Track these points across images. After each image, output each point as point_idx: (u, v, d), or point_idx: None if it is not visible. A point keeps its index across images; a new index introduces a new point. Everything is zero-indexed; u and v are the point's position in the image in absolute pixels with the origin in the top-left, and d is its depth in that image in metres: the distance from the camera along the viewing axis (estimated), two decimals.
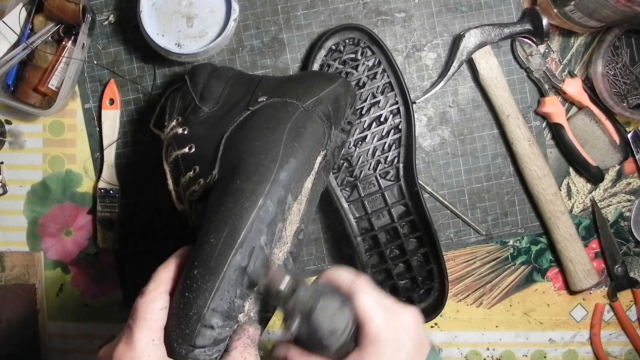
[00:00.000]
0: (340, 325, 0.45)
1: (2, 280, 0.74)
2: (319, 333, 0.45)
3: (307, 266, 0.73)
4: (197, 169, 0.55)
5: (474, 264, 0.73)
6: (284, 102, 0.56)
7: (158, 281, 0.45)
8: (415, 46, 0.72)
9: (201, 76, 0.62)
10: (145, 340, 0.42)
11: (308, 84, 0.59)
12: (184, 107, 0.61)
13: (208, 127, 0.58)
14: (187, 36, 0.65)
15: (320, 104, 0.56)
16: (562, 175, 0.73)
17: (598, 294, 0.73)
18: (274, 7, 0.71)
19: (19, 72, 0.70)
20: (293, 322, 0.45)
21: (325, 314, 0.45)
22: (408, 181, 0.69)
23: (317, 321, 0.45)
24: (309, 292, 0.45)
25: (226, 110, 0.59)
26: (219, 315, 0.43)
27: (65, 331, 0.75)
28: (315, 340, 0.45)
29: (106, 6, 0.71)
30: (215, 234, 0.44)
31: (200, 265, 0.44)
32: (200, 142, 0.56)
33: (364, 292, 0.47)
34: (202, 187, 0.53)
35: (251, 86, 0.61)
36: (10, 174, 0.74)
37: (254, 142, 0.51)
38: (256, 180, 0.47)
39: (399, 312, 0.48)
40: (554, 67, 0.72)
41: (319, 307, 0.45)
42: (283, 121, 0.53)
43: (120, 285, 0.74)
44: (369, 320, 0.46)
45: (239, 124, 0.55)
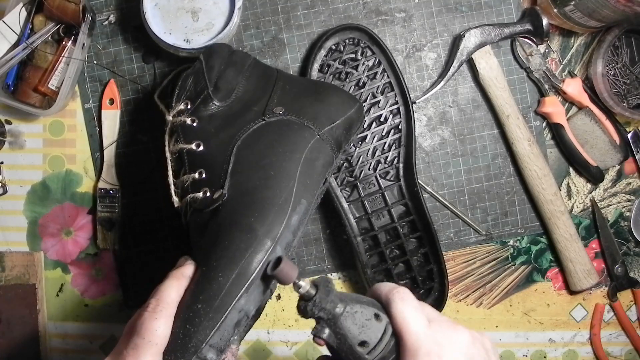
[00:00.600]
0: (372, 336, 0.42)
1: (2, 280, 0.74)
2: (347, 342, 0.42)
3: (307, 266, 0.73)
4: (203, 173, 0.54)
5: (474, 264, 0.73)
6: (300, 125, 0.55)
7: (168, 303, 0.45)
8: (415, 46, 0.72)
9: (217, 60, 0.60)
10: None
11: (326, 107, 0.58)
12: (195, 93, 0.58)
13: (218, 125, 0.56)
14: (194, 31, 0.65)
15: (334, 132, 0.56)
16: (562, 175, 0.73)
17: (598, 294, 0.73)
18: (274, 7, 0.71)
19: (19, 72, 0.70)
20: (319, 330, 0.43)
21: (354, 320, 0.42)
22: (408, 181, 0.69)
23: (344, 329, 0.42)
24: (334, 296, 0.43)
25: (239, 110, 0.57)
26: (214, 351, 0.44)
27: (65, 331, 0.75)
28: (347, 351, 0.43)
29: (106, 6, 0.71)
30: (224, 273, 0.45)
31: (205, 301, 0.44)
32: (209, 142, 0.55)
33: (402, 299, 0.44)
34: (207, 198, 0.52)
35: (267, 85, 0.60)
36: (10, 174, 0.74)
37: (269, 170, 0.51)
38: (270, 223, 0.48)
39: (448, 326, 0.43)
40: (554, 67, 0.72)
41: (346, 313, 0.42)
42: (299, 149, 0.53)
43: (120, 285, 0.74)
44: (406, 330, 0.42)
45: (251, 134, 0.55)
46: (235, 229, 0.48)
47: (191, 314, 0.44)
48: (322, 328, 0.43)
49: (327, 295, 0.42)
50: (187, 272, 0.47)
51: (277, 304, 0.74)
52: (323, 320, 0.42)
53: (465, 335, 0.43)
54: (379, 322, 0.43)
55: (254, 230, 0.47)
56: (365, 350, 0.42)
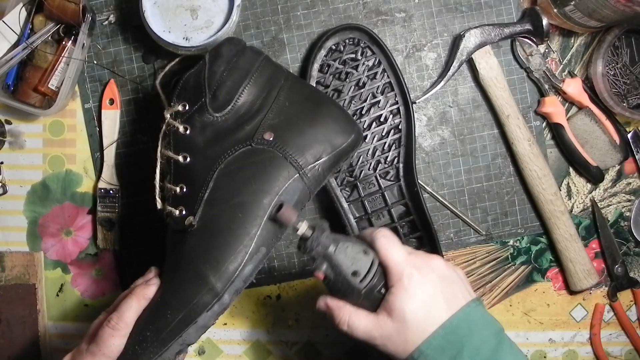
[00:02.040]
0: (362, 267, 0.50)
1: (2, 280, 0.74)
2: (342, 273, 0.50)
3: (307, 266, 0.73)
4: (184, 188, 0.56)
5: (474, 264, 0.73)
6: (282, 161, 0.55)
7: (126, 323, 0.53)
8: (415, 46, 0.72)
9: (221, 65, 0.58)
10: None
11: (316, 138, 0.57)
12: (194, 97, 0.58)
13: (208, 138, 0.57)
14: (193, 28, 0.65)
15: (318, 169, 0.56)
16: (562, 175, 0.73)
17: (598, 294, 0.73)
18: (274, 7, 0.71)
19: (19, 72, 0.70)
20: (318, 264, 0.50)
21: (346, 255, 0.50)
22: (408, 181, 0.69)
23: (338, 262, 0.50)
24: (328, 236, 0.50)
25: (232, 125, 0.57)
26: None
27: (65, 331, 0.75)
28: (342, 282, 0.50)
29: (106, 6, 0.71)
30: (172, 312, 0.52)
31: (153, 330, 0.52)
32: (196, 157, 0.57)
33: (384, 236, 0.52)
34: (181, 220, 0.56)
35: (267, 99, 0.58)
36: (10, 174, 0.74)
37: (238, 211, 0.54)
38: (221, 273, 0.52)
39: (425, 256, 0.52)
40: (554, 67, 0.72)
41: (339, 249, 0.50)
42: (273, 191, 0.54)
43: (120, 285, 0.74)
44: (390, 259, 0.50)
45: (235, 159, 0.55)
46: (191, 271, 0.53)
47: (141, 338, 0.52)
48: (320, 263, 0.50)
49: (322, 233, 0.50)
50: (148, 293, 0.54)
51: (277, 303, 0.74)
52: (320, 256, 0.50)
53: (440, 261, 0.51)
54: (367, 256, 0.51)
55: (205, 278, 0.52)
56: (357, 279, 0.50)
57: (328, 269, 0.50)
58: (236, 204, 0.54)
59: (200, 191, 0.55)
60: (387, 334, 0.49)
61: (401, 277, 0.49)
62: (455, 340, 0.48)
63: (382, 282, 0.50)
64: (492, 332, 0.49)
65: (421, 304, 0.48)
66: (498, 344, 0.48)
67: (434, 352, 0.48)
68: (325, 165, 0.57)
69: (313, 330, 0.74)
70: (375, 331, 0.49)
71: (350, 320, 0.50)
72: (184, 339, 0.52)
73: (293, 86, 0.61)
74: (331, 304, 0.52)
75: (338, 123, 0.59)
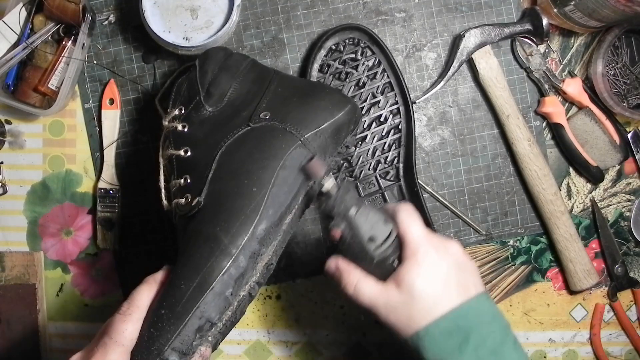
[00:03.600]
0: (380, 234, 0.49)
1: (2, 280, 0.74)
2: (359, 236, 0.48)
3: (307, 266, 0.73)
4: (188, 179, 0.55)
5: None
6: (283, 131, 0.55)
7: (138, 307, 0.49)
8: (415, 46, 0.72)
9: (212, 65, 0.60)
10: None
11: (314, 109, 0.57)
12: (188, 98, 0.59)
13: (207, 130, 0.57)
14: (193, 29, 0.65)
15: (319, 137, 0.55)
16: (562, 175, 0.73)
17: (598, 294, 0.73)
18: (274, 7, 0.71)
19: (19, 72, 0.70)
20: (336, 222, 0.49)
21: (366, 219, 0.49)
22: (408, 181, 0.69)
23: (357, 224, 0.48)
24: (353, 197, 0.49)
25: (229, 115, 0.58)
26: (177, 354, 0.47)
27: (65, 331, 0.75)
28: (357, 245, 0.49)
29: (106, 6, 0.71)
30: (186, 281, 0.48)
31: (167, 307, 0.47)
32: (196, 147, 0.56)
33: (407, 210, 0.51)
34: (187, 205, 0.54)
35: (260, 89, 0.59)
36: (10, 174, 0.74)
37: (244, 178, 0.52)
38: (234, 233, 0.49)
39: (444, 239, 0.51)
40: (554, 67, 0.72)
41: (360, 212, 0.49)
42: (277, 157, 0.53)
43: (120, 285, 0.74)
44: (409, 233, 0.49)
45: (236, 141, 0.55)
46: (201, 238, 0.50)
47: (155, 318, 0.47)
48: (339, 222, 0.49)
49: (347, 193, 0.49)
50: (158, 277, 0.51)
51: (277, 303, 0.74)
52: (340, 215, 0.49)
53: (458, 246, 0.51)
54: (386, 225, 0.49)
55: (218, 240, 0.49)
56: (372, 245, 0.49)
57: (346, 229, 0.49)
58: (242, 173, 0.53)
59: (204, 175, 0.54)
60: (391, 305, 0.48)
61: (416, 252, 0.48)
62: (464, 326, 0.47)
63: (396, 254, 0.50)
64: (499, 326, 0.49)
65: (432, 283, 0.48)
66: (504, 338, 0.48)
67: (441, 335, 0.47)
68: (326, 133, 0.56)
69: (313, 330, 0.74)
70: (381, 299, 0.49)
71: (358, 284, 0.50)
72: (202, 310, 0.47)
73: (283, 77, 0.62)
74: (341, 266, 0.51)
75: (332, 97, 0.59)
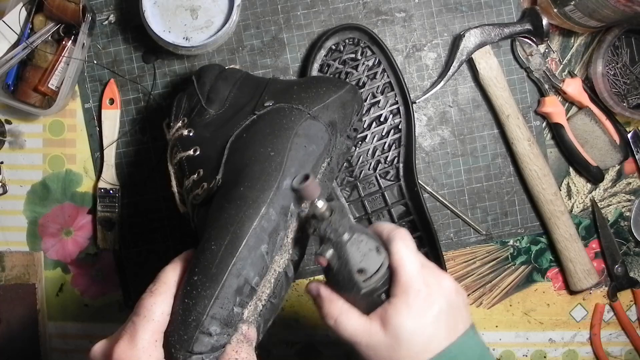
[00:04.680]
0: (370, 266, 0.45)
1: (2, 280, 0.74)
2: (348, 267, 0.45)
3: (307, 266, 0.73)
4: (201, 172, 0.54)
5: (474, 264, 0.73)
6: (290, 108, 0.55)
7: (165, 282, 0.45)
8: (415, 46, 0.72)
9: (208, 77, 0.62)
10: (148, 340, 0.42)
11: (315, 90, 0.58)
12: (190, 109, 0.60)
13: (213, 129, 0.57)
14: (193, 28, 0.65)
15: (326, 110, 0.56)
16: (562, 175, 0.73)
17: (598, 294, 0.73)
18: (274, 7, 0.71)
19: (19, 72, 0.70)
20: (324, 249, 0.45)
21: (357, 248, 0.45)
22: (408, 181, 0.69)
23: (347, 254, 0.45)
24: (345, 223, 0.45)
25: (232, 113, 0.58)
26: (218, 323, 0.43)
27: (65, 331, 0.75)
28: (345, 276, 0.45)
29: (106, 6, 0.71)
30: (216, 241, 0.45)
31: (200, 272, 0.44)
32: (205, 145, 0.56)
33: (402, 239, 0.47)
34: (205, 191, 0.52)
35: (258, 89, 0.61)
36: (10, 174, 0.74)
37: (259, 147, 0.51)
38: (259, 188, 0.47)
39: (438, 273, 0.47)
40: (554, 67, 0.72)
41: (352, 240, 0.45)
42: (289, 128, 0.53)
43: (120, 285, 0.74)
44: (402, 267, 0.45)
45: (244, 128, 0.55)
46: (226, 201, 0.48)
47: (189, 287, 0.43)
48: (327, 248, 0.45)
49: (341, 219, 0.45)
50: (184, 256, 0.48)
51: None
52: (330, 241, 0.45)
53: (451, 282, 0.47)
54: (378, 255, 0.46)
55: (244, 197, 0.47)
56: (362, 277, 0.45)
57: (334, 257, 0.45)
58: (257, 144, 0.52)
59: (217, 162, 0.53)
60: (374, 345, 0.45)
61: (408, 291, 0.45)
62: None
63: (385, 287, 0.46)
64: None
65: (422, 326, 0.44)
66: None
67: None
68: (333, 107, 0.57)
69: (313, 330, 0.74)
70: (363, 337, 0.45)
71: (340, 318, 0.46)
72: (238, 268, 0.44)
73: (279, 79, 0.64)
74: (324, 294, 0.47)
75: (330, 81, 0.61)
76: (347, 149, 0.62)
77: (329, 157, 0.56)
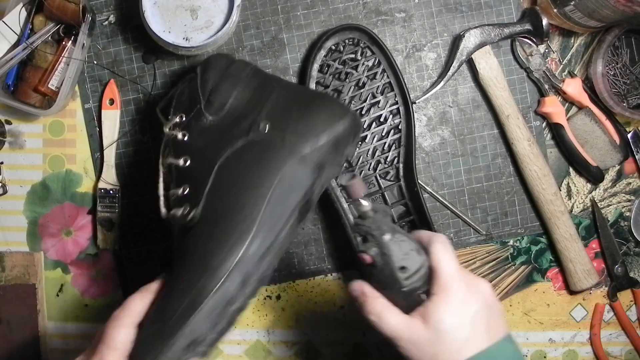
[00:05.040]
0: (412, 264, 0.47)
1: (2, 280, 0.74)
2: (390, 264, 0.47)
3: (307, 266, 0.73)
4: (187, 188, 0.56)
5: (474, 264, 0.73)
6: (280, 147, 0.55)
7: (131, 312, 0.50)
8: (415, 46, 0.72)
9: (213, 73, 0.60)
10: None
11: (314, 120, 0.57)
12: (189, 106, 0.59)
13: (207, 140, 0.57)
14: (193, 29, 0.65)
15: (318, 152, 0.55)
16: (562, 175, 0.73)
17: (598, 294, 0.73)
18: (274, 7, 0.71)
19: (19, 72, 0.70)
20: (369, 247, 0.48)
21: (399, 247, 0.47)
22: (408, 181, 0.69)
23: (390, 251, 0.47)
24: (388, 222, 0.48)
25: (229, 124, 0.58)
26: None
27: (65, 331, 0.75)
28: (387, 273, 0.47)
29: (106, 6, 0.71)
30: (177, 300, 0.49)
31: (155, 324, 0.49)
32: (196, 158, 0.57)
33: (442, 242, 0.49)
34: (185, 217, 0.55)
35: (261, 98, 0.59)
36: (10, 174, 0.74)
37: (240, 189, 0.53)
38: (226, 252, 0.50)
39: (475, 276, 0.49)
40: (554, 67, 0.72)
41: (394, 238, 0.47)
42: (273, 173, 0.54)
43: (120, 285, 0.74)
44: (441, 267, 0.48)
45: (234, 154, 0.56)
46: (195, 255, 0.51)
47: (145, 334, 0.49)
48: (372, 246, 0.48)
49: (384, 217, 0.48)
50: (152, 287, 0.52)
51: (277, 303, 0.74)
52: (375, 239, 0.47)
53: (488, 286, 0.49)
54: (419, 255, 0.48)
55: (209, 260, 0.50)
56: (403, 275, 0.47)
57: (378, 255, 0.47)
58: (237, 191, 0.53)
59: (202, 187, 0.55)
60: (415, 339, 0.47)
61: (447, 288, 0.47)
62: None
63: (425, 287, 0.48)
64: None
65: (461, 322, 0.46)
66: None
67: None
68: (323, 149, 0.56)
69: (313, 330, 0.74)
70: (405, 333, 0.47)
71: (383, 313, 0.48)
72: (191, 329, 0.48)
73: (285, 85, 0.61)
74: (367, 291, 0.50)
75: (331, 109, 0.58)
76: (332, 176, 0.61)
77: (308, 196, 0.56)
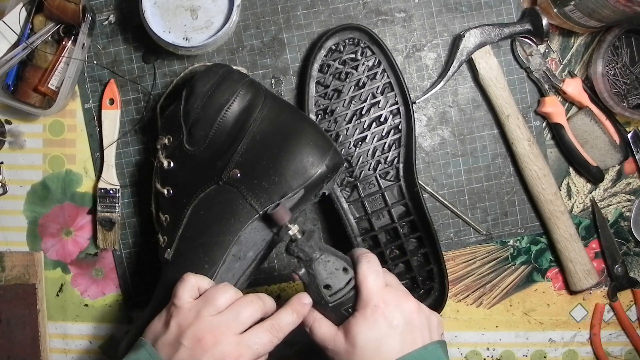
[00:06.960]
0: (336, 283, 0.52)
1: (2, 280, 0.74)
2: (315, 282, 0.52)
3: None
4: (167, 218, 0.62)
5: (474, 264, 0.73)
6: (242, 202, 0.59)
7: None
8: (415, 46, 0.72)
9: (196, 102, 0.60)
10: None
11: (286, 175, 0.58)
12: (175, 131, 0.62)
13: (187, 173, 0.61)
14: (193, 29, 0.65)
15: (283, 206, 0.56)
16: (562, 175, 0.73)
17: (598, 294, 0.73)
18: (274, 7, 0.71)
19: (19, 72, 0.70)
20: (297, 267, 0.53)
21: (325, 267, 0.52)
22: (408, 181, 0.69)
23: (315, 271, 0.52)
24: (314, 245, 0.53)
25: (206, 159, 0.60)
26: None
27: (65, 331, 0.75)
28: (314, 290, 0.53)
29: (106, 6, 0.71)
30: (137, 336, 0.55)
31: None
32: (177, 190, 0.61)
33: (368, 261, 0.53)
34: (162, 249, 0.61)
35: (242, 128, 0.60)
36: (10, 174, 0.74)
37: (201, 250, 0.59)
38: None
39: (401, 294, 0.53)
40: (554, 67, 0.72)
41: (320, 259, 0.52)
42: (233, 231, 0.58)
43: (120, 285, 0.74)
44: (364, 285, 0.52)
45: (206, 196, 0.60)
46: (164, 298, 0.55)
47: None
48: (299, 266, 0.53)
49: (308, 241, 0.53)
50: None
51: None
52: (302, 260, 0.53)
53: (413, 304, 0.52)
54: (345, 274, 0.53)
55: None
56: (328, 292, 0.53)
57: (305, 274, 0.53)
58: (200, 244, 0.59)
59: (178, 226, 0.60)
60: (337, 350, 0.52)
61: (367, 305, 0.51)
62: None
63: (351, 302, 0.53)
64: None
65: (374, 337, 0.50)
66: None
67: None
68: (295, 199, 0.59)
69: None
70: (329, 343, 0.52)
71: (313, 325, 0.54)
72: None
73: (268, 114, 0.61)
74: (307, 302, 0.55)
75: (309, 152, 0.59)
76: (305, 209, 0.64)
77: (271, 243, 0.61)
